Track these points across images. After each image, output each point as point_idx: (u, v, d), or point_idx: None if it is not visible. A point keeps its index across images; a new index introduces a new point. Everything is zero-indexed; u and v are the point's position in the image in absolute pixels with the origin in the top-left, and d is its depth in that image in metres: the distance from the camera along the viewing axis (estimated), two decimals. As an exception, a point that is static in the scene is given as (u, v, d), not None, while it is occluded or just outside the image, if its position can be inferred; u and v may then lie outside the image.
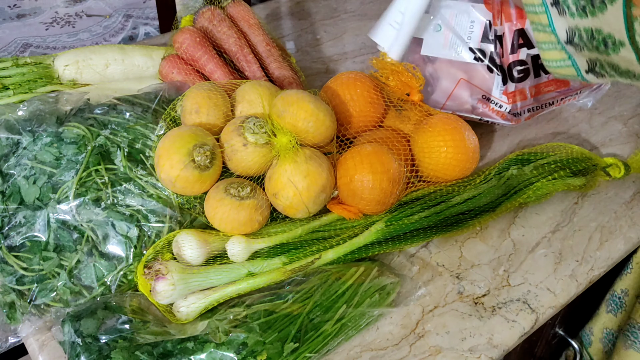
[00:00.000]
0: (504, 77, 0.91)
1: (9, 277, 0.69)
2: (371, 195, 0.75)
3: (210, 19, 0.94)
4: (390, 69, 0.88)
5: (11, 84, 0.92)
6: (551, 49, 0.62)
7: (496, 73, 0.91)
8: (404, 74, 0.87)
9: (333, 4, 1.33)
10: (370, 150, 0.77)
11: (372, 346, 0.70)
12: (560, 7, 0.57)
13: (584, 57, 0.59)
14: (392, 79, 0.88)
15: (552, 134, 1.01)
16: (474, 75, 0.93)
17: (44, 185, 0.72)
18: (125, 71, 0.97)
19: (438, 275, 0.78)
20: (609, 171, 0.91)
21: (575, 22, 0.56)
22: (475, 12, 0.92)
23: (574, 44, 0.58)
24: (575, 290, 0.78)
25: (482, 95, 0.93)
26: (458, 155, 0.81)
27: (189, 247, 0.70)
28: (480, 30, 0.92)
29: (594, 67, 0.59)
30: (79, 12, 1.23)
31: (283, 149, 0.72)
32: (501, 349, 0.71)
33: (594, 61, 0.58)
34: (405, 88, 0.88)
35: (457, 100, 0.95)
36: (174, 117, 0.79)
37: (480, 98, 0.93)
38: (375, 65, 0.90)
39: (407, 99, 0.88)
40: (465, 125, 0.84)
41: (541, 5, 0.59)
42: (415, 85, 0.87)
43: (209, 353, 0.63)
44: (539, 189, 0.85)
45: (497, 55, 0.91)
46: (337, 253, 0.74)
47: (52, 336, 0.69)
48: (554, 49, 0.62)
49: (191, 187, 0.72)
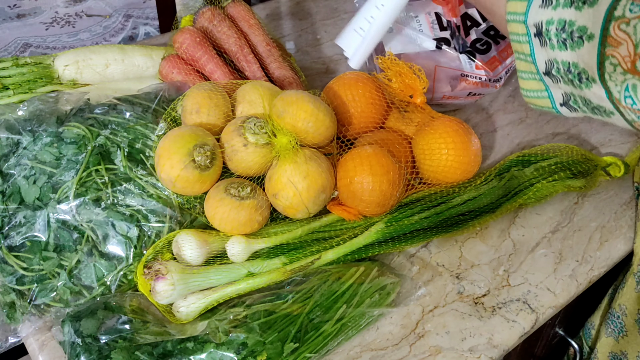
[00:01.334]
0: (470, 55, 0.96)
1: (9, 277, 0.70)
2: (371, 197, 0.75)
3: (210, 19, 0.94)
4: (394, 70, 0.87)
5: (11, 84, 0.92)
6: (530, 78, 0.64)
7: (463, 55, 0.96)
8: (408, 75, 0.86)
9: (333, 4, 1.33)
10: (370, 152, 0.77)
11: (372, 346, 0.70)
12: (542, 39, 0.58)
13: (559, 89, 0.61)
14: (395, 81, 0.87)
15: (552, 134, 1.01)
16: (444, 60, 0.97)
17: (44, 185, 0.72)
18: (125, 71, 0.97)
19: (438, 275, 0.78)
20: (609, 171, 0.92)
21: (554, 54, 0.58)
22: (424, 8, 0.99)
23: (551, 76, 0.60)
24: (575, 290, 0.78)
25: (461, 74, 0.97)
26: (459, 157, 0.81)
27: (188, 247, 0.70)
28: (431, 23, 0.98)
29: (567, 101, 0.61)
30: (79, 12, 1.23)
31: (283, 149, 0.72)
32: (501, 349, 0.71)
33: (568, 95, 0.60)
34: (408, 90, 0.87)
35: (441, 87, 0.98)
36: (174, 117, 0.79)
37: (460, 76, 0.97)
38: (381, 65, 0.89)
39: (410, 101, 0.87)
40: (468, 128, 0.83)
41: (525, 35, 0.61)
42: (419, 87, 0.86)
43: (209, 353, 0.63)
44: (540, 190, 0.85)
45: (456, 39, 0.97)
46: (336, 253, 0.74)
47: (52, 336, 0.69)
48: (532, 79, 0.64)
49: (191, 187, 0.72)
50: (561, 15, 0.56)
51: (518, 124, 1.03)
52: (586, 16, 0.53)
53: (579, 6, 0.54)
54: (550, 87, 0.61)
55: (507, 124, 1.03)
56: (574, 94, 0.58)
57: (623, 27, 0.50)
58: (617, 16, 0.50)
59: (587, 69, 0.54)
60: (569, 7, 0.55)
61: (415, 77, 0.85)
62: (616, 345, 0.87)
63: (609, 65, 0.52)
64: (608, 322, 0.89)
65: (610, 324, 0.88)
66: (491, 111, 1.05)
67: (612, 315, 0.88)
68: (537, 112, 1.05)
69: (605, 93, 0.53)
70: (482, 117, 1.05)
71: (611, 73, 0.52)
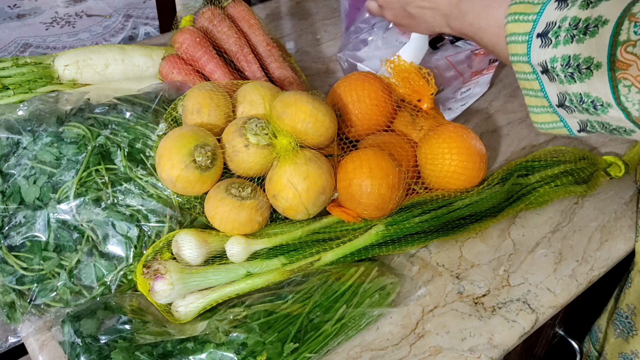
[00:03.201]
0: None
1: (9, 277, 0.70)
2: (369, 200, 0.74)
3: (210, 19, 0.94)
4: (402, 74, 0.86)
5: (11, 84, 0.92)
6: (543, 112, 0.64)
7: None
8: (416, 80, 0.84)
9: (333, 4, 1.33)
10: (370, 154, 0.76)
11: (372, 346, 0.70)
12: (550, 75, 0.59)
13: (575, 118, 0.61)
14: (403, 85, 0.86)
15: (552, 134, 1.01)
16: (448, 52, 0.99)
17: (44, 185, 0.72)
18: (125, 71, 0.97)
19: (438, 275, 0.78)
20: (610, 171, 0.92)
21: (565, 87, 0.59)
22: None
23: (565, 107, 0.61)
24: (575, 290, 0.78)
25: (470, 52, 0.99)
26: (463, 163, 0.79)
27: (188, 247, 0.70)
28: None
29: (585, 127, 0.62)
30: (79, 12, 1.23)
31: (283, 150, 0.72)
32: (501, 349, 0.71)
33: (584, 122, 0.61)
34: (415, 95, 0.86)
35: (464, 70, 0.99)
36: (175, 117, 0.79)
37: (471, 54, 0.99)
38: (388, 68, 0.88)
39: (418, 105, 0.86)
40: (472, 134, 0.82)
41: (532, 73, 0.61)
42: (427, 92, 0.84)
43: (209, 353, 0.63)
44: (542, 196, 0.85)
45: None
46: (336, 255, 0.74)
47: (52, 336, 0.69)
48: (545, 112, 0.64)
49: (192, 187, 0.72)
50: (564, 52, 0.56)
51: (518, 124, 1.03)
52: (589, 47, 0.54)
53: (580, 39, 0.55)
54: (565, 117, 0.62)
55: (507, 124, 1.03)
56: (590, 120, 0.59)
57: (630, 50, 0.51)
58: (622, 41, 0.52)
59: (600, 96, 0.55)
60: (569, 43, 0.56)
61: (423, 82, 0.84)
62: (626, 346, 0.87)
63: (623, 88, 0.53)
64: (616, 323, 0.89)
65: (619, 324, 0.88)
66: (491, 111, 1.05)
67: (620, 315, 0.88)
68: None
69: (624, 114, 0.54)
70: (481, 117, 1.05)
71: (627, 95, 0.53)
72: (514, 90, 1.10)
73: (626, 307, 0.86)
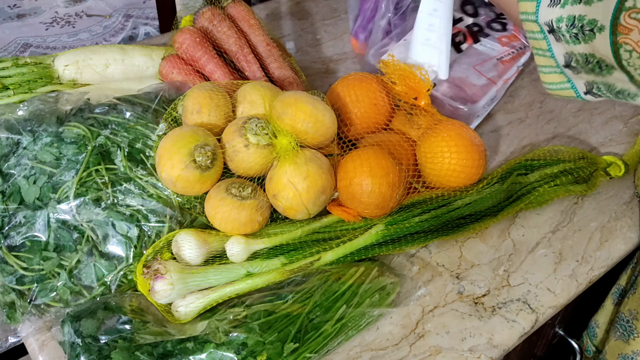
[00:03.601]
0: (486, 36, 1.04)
1: (9, 277, 0.69)
2: (370, 199, 0.75)
3: (210, 19, 0.94)
4: (397, 73, 0.86)
5: (11, 84, 0.92)
6: (551, 72, 0.65)
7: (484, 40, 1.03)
8: (412, 77, 0.85)
9: (333, 4, 1.33)
10: (370, 153, 0.76)
11: (372, 346, 0.70)
12: (556, 35, 0.60)
13: (581, 79, 0.63)
14: (399, 83, 0.86)
15: (552, 134, 1.01)
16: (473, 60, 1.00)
17: (44, 185, 0.72)
18: (125, 71, 0.97)
19: (438, 275, 0.78)
20: (609, 171, 0.92)
21: (571, 48, 0.60)
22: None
23: (571, 67, 0.62)
24: (575, 290, 0.78)
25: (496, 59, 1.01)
26: (462, 161, 0.79)
27: (188, 247, 0.70)
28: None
29: (591, 89, 0.63)
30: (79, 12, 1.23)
31: (283, 150, 0.72)
32: (501, 349, 0.71)
33: (591, 83, 0.62)
34: (412, 92, 0.86)
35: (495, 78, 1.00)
36: (175, 117, 0.79)
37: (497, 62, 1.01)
38: (383, 68, 0.88)
39: (415, 103, 0.86)
40: (471, 131, 0.82)
41: (540, 32, 0.62)
42: (423, 89, 0.84)
43: (209, 353, 0.63)
44: (541, 195, 0.85)
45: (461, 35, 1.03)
46: (336, 254, 0.74)
47: (52, 336, 0.69)
48: (553, 72, 0.65)
49: (192, 187, 0.72)
50: (570, 12, 0.57)
51: (518, 124, 1.03)
52: (596, 10, 0.55)
53: (588, 1, 0.56)
54: (572, 78, 0.63)
55: (507, 124, 1.03)
56: (597, 81, 0.60)
57: (634, 16, 0.52)
58: (627, 7, 0.53)
59: (604, 58, 0.56)
60: (577, 3, 0.57)
61: (419, 79, 0.84)
62: (627, 347, 0.87)
63: (624, 52, 0.54)
64: (617, 326, 0.89)
65: (619, 328, 0.88)
66: (491, 111, 1.05)
67: (621, 319, 0.88)
68: (537, 113, 1.05)
69: (627, 77, 0.56)
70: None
71: (628, 59, 0.54)
72: (514, 91, 1.10)
73: (628, 312, 0.87)
